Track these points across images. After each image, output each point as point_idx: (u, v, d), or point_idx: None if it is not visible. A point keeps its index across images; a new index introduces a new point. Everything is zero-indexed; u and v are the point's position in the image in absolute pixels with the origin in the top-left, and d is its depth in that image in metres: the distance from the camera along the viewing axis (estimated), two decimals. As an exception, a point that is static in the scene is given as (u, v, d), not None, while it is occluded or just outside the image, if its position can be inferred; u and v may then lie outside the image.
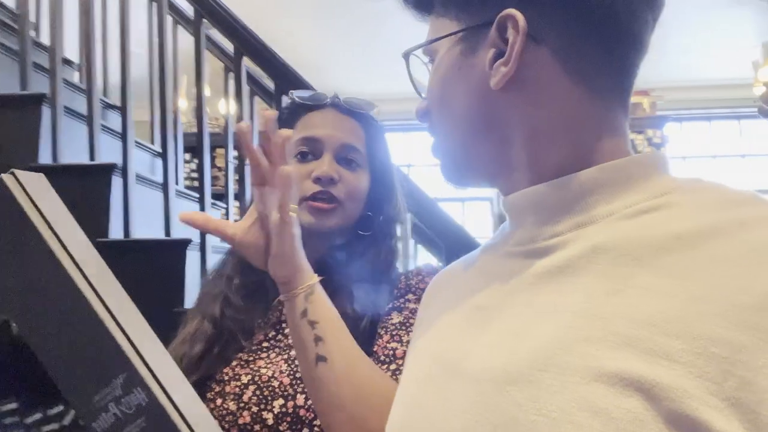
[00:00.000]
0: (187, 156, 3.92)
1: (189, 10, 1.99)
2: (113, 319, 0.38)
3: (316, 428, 0.76)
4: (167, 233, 1.77)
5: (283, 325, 0.86)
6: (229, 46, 1.95)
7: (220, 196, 2.07)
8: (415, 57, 0.54)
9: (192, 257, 1.64)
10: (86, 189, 1.63)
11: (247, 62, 1.78)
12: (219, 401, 0.80)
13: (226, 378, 0.82)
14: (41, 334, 0.38)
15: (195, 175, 4.41)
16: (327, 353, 0.63)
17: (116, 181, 1.68)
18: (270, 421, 0.77)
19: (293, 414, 0.77)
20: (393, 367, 0.77)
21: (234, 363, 0.83)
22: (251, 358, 0.84)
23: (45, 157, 1.72)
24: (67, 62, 2.22)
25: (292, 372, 0.80)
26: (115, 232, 1.65)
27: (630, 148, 0.47)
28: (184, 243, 1.59)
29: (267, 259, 0.65)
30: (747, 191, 0.42)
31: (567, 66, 0.45)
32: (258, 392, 0.79)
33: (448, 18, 0.49)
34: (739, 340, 0.33)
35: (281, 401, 0.78)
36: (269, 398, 0.78)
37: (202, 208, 1.76)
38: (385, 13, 3.83)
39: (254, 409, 0.78)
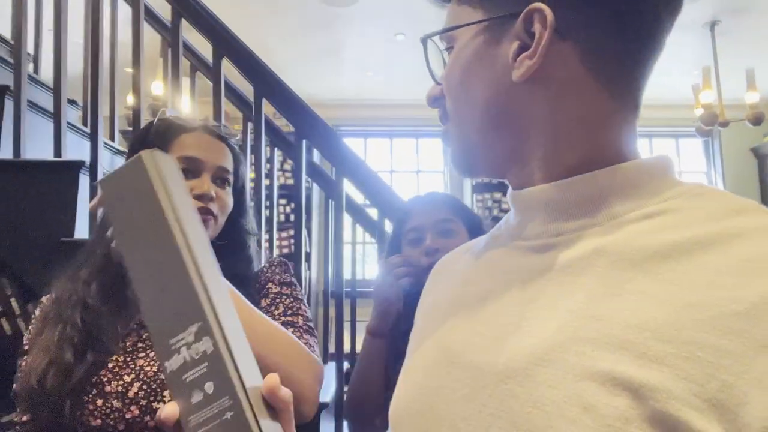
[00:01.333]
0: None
1: (160, 8, 1.95)
2: (201, 279, 0.44)
3: None
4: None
5: None
6: (200, 46, 1.92)
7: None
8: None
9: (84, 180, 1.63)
10: (51, 186, 1.57)
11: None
12: (100, 401, 0.84)
13: (105, 380, 0.86)
14: (141, 280, 0.45)
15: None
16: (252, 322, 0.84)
17: (83, 179, 1.62)
18: None
19: None
20: None
21: (111, 365, 0.88)
22: (129, 359, 0.89)
23: (5, 152, 1.64)
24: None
25: None
26: (81, 232, 1.59)
27: (638, 152, 0.48)
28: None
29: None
30: (748, 200, 0.42)
31: (589, 64, 0.45)
32: (145, 387, 0.85)
33: (471, 6, 0.49)
34: (725, 346, 0.34)
35: None
36: (158, 390, 0.85)
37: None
38: (348, 21, 3.86)
39: (143, 402, 0.84)
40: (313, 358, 0.92)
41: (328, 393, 1.76)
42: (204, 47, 1.93)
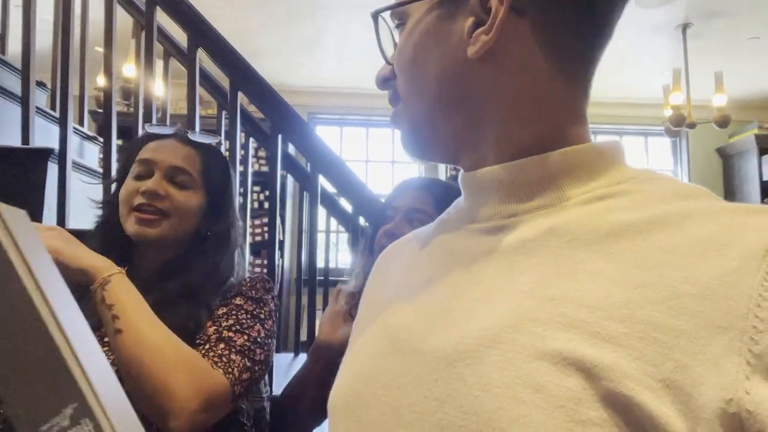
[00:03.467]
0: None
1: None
2: (71, 350, 0.39)
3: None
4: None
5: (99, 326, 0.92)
6: (175, 30, 1.88)
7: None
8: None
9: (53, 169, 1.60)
10: (19, 174, 1.53)
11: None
12: None
13: None
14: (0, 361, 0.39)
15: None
16: (122, 326, 0.82)
17: (51, 167, 1.58)
18: None
19: None
20: (206, 346, 0.91)
21: None
22: None
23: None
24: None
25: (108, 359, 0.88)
26: (49, 221, 1.56)
27: (590, 135, 0.48)
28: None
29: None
30: (696, 186, 0.43)
31: (544, 43, 0.44)
32: None
33: None
34: (679, 326, 0.33)
35: None
36: None
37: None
38: (328, 9, 3.81)
39: None
40: (208, 375, 0.85)
41: (298, 386, 1.77)
42: (178, 32, 1.89)
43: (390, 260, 0.61)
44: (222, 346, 0.91)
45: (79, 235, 0.90)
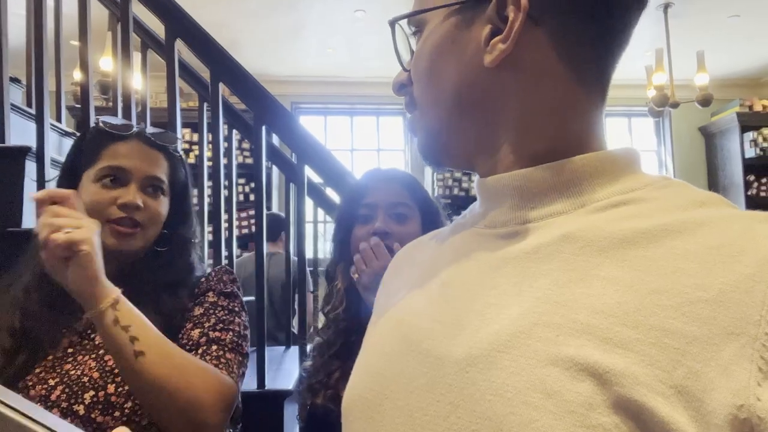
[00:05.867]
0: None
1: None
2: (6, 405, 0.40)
3: (126, 410, 0.85)
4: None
5: (89, 331, 0.93)
6: (152, 22, 1.83)
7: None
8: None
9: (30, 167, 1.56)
10: (-5, 173, 1.49)
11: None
12: None
13: (30, 384, 0.87)
14: None
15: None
16: (143, 348, 0.79)
17: (29, 166, 1.54)
18: (81, 412, 0.84)
19: (104, 401, 0.85)
20: (200, 350, 0.92)
21: (38, 370, 0.88)
22: (57, 363, 0.89)
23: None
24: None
25: (101, 367, 0.88)
26: (29, 221, 1.52)
27: (605, 141, 0.48)
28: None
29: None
30: (712, 193, 0.43)
31: (561, 51, 0.44)
32: (67, 390, 0.86)
33: None
34: (692, 332, 0.34)
35: (92, 392, 0.85)
36: (79, 393, 0.85)
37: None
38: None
39: (63, 405, 0.85)
40: (220, 380, 0.89)
41: (291, 379, 1.76)
42: (155, 23, 1.85)
43: (406, 261, 0.61)
44: (215, 347, 0.93)
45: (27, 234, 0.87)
